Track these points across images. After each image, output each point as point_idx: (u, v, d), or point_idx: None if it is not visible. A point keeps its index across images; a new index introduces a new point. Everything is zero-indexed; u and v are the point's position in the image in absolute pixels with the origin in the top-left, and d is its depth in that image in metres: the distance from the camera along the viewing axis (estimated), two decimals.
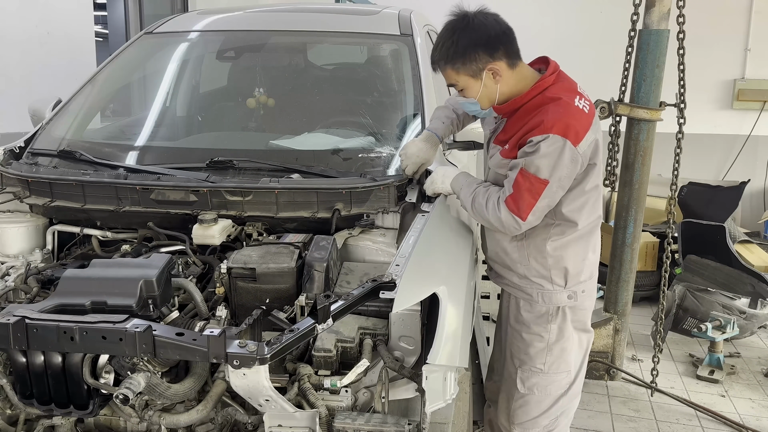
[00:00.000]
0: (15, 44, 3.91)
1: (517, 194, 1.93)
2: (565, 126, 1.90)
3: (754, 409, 3.57)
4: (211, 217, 2.09)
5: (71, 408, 1.58)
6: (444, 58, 1.98)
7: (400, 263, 1.72)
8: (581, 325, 2.21)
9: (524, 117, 1.99)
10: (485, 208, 1.99)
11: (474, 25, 1.94)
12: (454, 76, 2.00)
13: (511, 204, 1.94)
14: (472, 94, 2.01)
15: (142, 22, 5.81)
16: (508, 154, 2.02)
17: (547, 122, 1.90)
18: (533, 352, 2.17)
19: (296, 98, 2.89)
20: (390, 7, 3.29)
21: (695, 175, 5.88)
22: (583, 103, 1.99)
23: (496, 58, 1.95)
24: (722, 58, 6.53)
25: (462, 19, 1.96)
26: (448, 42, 1.95)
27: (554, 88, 2.00)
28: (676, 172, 3.59)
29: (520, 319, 2.19)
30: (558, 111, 1.92)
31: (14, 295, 1.99)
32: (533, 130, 1.92)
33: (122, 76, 3.10)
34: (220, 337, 1.41)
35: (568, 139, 1.89)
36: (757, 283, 4.20)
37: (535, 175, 1.91)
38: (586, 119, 1.96)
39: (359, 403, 1.65)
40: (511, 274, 2.19)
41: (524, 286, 2.17)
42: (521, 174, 1.92)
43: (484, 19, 1.97)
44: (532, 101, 1.99)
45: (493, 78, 1.97)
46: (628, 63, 3.57)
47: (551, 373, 2.18)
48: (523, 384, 2.20)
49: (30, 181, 2.30)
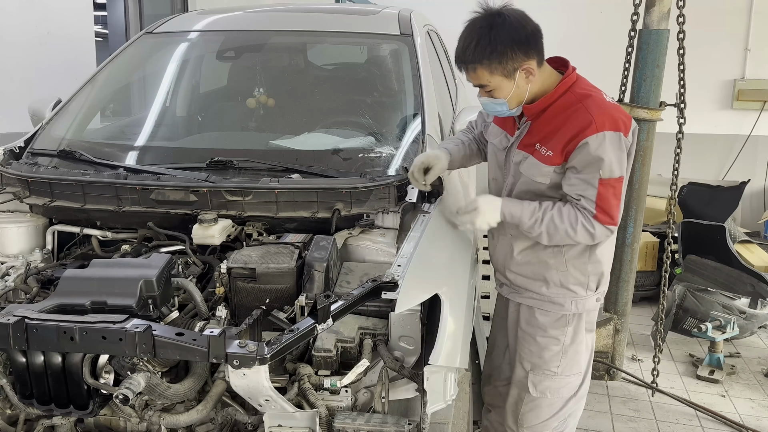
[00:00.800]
0: (15, 44, 3.91)
1: (606, 204, 1.90)
2: (614, 119, 1.89)
3: (754, 409, 3.56)
4: (211, 217, 2.08)
5: (71, 408, 1.58)
6: (479, 58, 1.87)
7: (401, 264, 1.72)
8: (590, 326, 2.19)
9: (555, 117, 1.95)
10: (573, 232, 1.92)
11: (510, 23, 1.86)
12: (487, 77, 1.90)
13: (603, 217, 1.91)
14: (503, 95, 1.93)
15: (142, 22, 5.81)
16: (552, 160, 1.95)
17: (598, 120, 1.87)
18: (548, 355, 2.13)
19: (296, 98, 2.89)
20: (390, 7, 3.29)
21: (695, 175, 5.88)
22: (609, 97, 1.99)
23: (530, 57, 1.89)
24: (722, 58, 6.52)
25: (496, 16, 1.87)
26: (484, 40, 1.84)
27: (578, 84, 1.98)
28: (676, 172, 3.59)
29: (534, 323, 2.14)
30: (600, 107, 1.90)
31: (14, 295, 1.99)
32: (584, 132, 1.88)
33: (122, 76, 3.10)
34: (220, 337, 1.41)
35: (621, 132, 1.89)
36: (757, 283, 4.20)
37: (612, 177, 1.89)
38: (623, 111, 1.96)
39: (359, 403, 1.64)
40: (539, 285, 2.12)
41: (555, 296, 2.10)
42: (602, 184, 1.88)
43: (517, 16, 1.90)
44: (561, 99, 1.95)
45: (526, 78, 1.91)
46: (628, 63, 3.57)
47: (564, 375, 2.16)
48: (536, 387, 2.17)
49: (30, 181, 2.30)
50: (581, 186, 1.91)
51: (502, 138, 2.14)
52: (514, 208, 1.98)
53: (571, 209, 1.94)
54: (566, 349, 2.14)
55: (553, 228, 1.93)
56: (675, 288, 4.21)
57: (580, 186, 1.91)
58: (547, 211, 1.94)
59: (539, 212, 1.95)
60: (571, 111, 1.92)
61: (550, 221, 1.94)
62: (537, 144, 1.98)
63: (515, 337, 2.22)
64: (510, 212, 1.97)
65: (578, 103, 1.92)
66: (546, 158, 1.96)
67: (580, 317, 2.13)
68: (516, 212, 1.97)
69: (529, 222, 1.95)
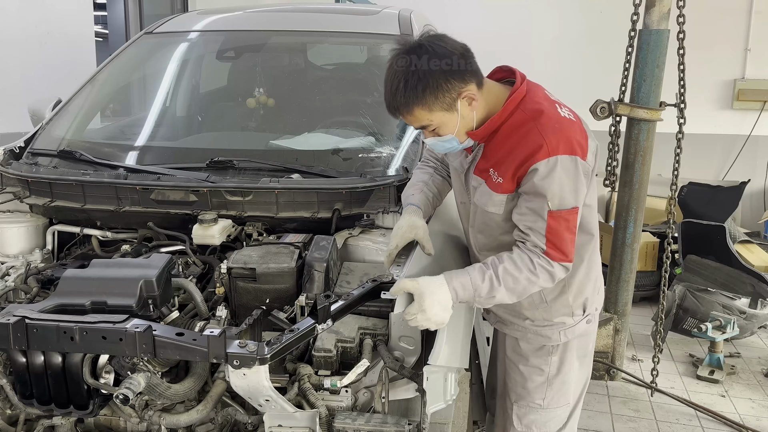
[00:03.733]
0: (15, 44, 3.91)
1: (557, 239, 1.66)
2: (568, 141, 1.66)
3: (754, 409, 3.56)
4: (211, 217, 2.08)
5: (71, 408, 1.58)
6: (413, 99, 1.63)
7: (401, 264, 1.72)
8: (584, 351, 2.04)
9: (508, 138, 1.72)
10: (535, 277, 1.68)
11: (435, 52, 1.63)
12: (427, 116, 1.66)
13: (554, 253, 1.67)
14: (449, 130, 1.70)
15: (142, 22, 5.82)
16: (503, 188, 1.73)
17: (550, 143, 1.64)
18: (532, 386, 1.99)
19: (296, 98, 2.89)
20: (390, 7, 3.29)
21: (695, 175, 5.88)
22: (565, 111, 1.75)
23: (468, 81, 1.66)
24: (722, 58, 6.52)
25: (417, 48, 1.64)
26: (413, 79, 1.61)
27: (528, 98, 1.74)
28: (676, 172, 3.58)
29: (518, 350, 2.00)
30: (552, 127, 1.67)
31: (14, 295, 1.99)
32: (534, 156, 1.65)
33: (122, 76, 3.10)
34: (220, 337, 1.41)
35: (577, 155, 1.67)
36: (757, 283, 4.20)
37: (563, 209, 1.66)
38: (580, 128, 1.73)
39: (359, 403, 1.64)
40: (522, 320, 1.96)
41: (541, 329, 1.94)
42: (551, 217, 1.65)
43: (440, 42, 1.66)
44: (512, 118, 1.72)
45: (469, 105, 1.68)
46: (628, 63, 3.57)
47: (551, 408, 2.01)
48: (520, 421, 2.03)
49: (30, 181, 2.30)
50: (530, 217, 1.68)
51: (462, 159, 1.89)
52: (461, 277, 1.67)
53: (521, 253, 1.69)
54: (551, 381, 1.98)
55: (512, 280, 1.67)
56: (675, 288, 4.21)
57: (529, 217, 1.68)
58: (498, 265, 1.68)
59: (489, 270, 1.68)
60: (523, 131, 1.69)
61: (506, 274, 1.67)
62: (491, 169, 1.76)
63: (503, 365, 2.09)
64: (461, 283, 1.66)
65: (530, 121, 1.69)
66: (497, 185, 1.74)
67: (566, 346, 1.97)
68: (465, 280, 1.67)
69: (484, 285, 1.66)
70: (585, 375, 2.09)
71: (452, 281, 1.66)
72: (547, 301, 1.90)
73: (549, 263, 1.68)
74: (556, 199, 1.65)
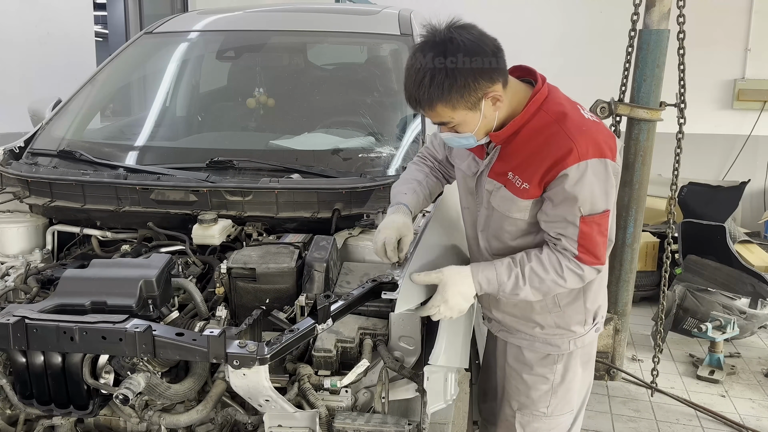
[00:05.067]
0: (15, 44, 3.91)
1: (590, 243, 1.65)
2: (596, 144, 1.62)
3: (754, 410, 3.56)
4: (211, 217, 2.08)
5: (71, 408, 1.58)
6: (438, 95, 1.56)
7: (401, 264, 1.72)
8: (587, 358, 2.00)
9: (530, 140, 1.67)
10: (561, 280, 1.68)
11: (466, 48, 1.54)
12: (449, 114, 1.60)
13: (587, 258, 1.66)
14: (470, 129, 1.63)
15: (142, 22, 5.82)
16: (528, 193, 1.68)
17: (580, 146, 1.60)
18: (536, 395, 1.95)
19: (296, 98, 2.89)
20: (390, 7, 3.29)
21: (695, 175, 5.87)
22: (587, 113, 1.71)
23: (495, 81, 1.59)
24: (722, 58, 6.52)
25: (448, 42, 1.56)
26: (440, 75, 1.54)
27: (551, 99, 1.69)
28: (676, 172, 3.58)
29: (521, 359, 1.95)
30: (579, 129, 1.63)
31: (14, 295, 1.99)
32: (563, 160, 1.60)
33: (122, 76, 3.10)
34: (220, 337, 1.41)
35: (607, 158, 1.63)
36: (757, 283, 4.19)
37: (594, 213, 1.63)
38: (605, 128, 1.70)
39: (359, 403, 1.64)
40: (531, 326, 1.90)
41: (551, 337, 1.89)
42: (584, 222, 1.62)
43: (473, 36, 1.57)
44: (534, 120, 1.67)
45: (493, 105, 1.62)
46: (628, 63, 3.57)
47: (555, 415, 1.97)
48: (524, 429, 1.99)
49: (30, 181, 2.30)
50: (560, 224, 1.66)
51: (470, 161, 1.83)
52: (488, 270, 1.70)
53: (550, 254, 1.68)
54: (556, 389, 1.94)
55: (538, 281, 1.68)
56: (675, 288, 4.21)
57: (560, 224, 1.66)
58: (525, 263, 1.69)
59: (516, 267, 1.69)
60: (548, 134, 1.64)
61: (533, 274, 1.68)
62: (510, 173, 1.70)
63: (503, 372, 2.04)
64: (486, 277, 1.69)
65: (555, 124, 1.64)
66: (522, 191, 1.68)
67: (571, 353, 1.92)
68: (491, 275, 1.69)
69: (509, 282, 1.68)
70: (588, 380, 2.06)
71: (478, 274, 1.69)
72: (561, 306, 1.85)
73: (579, 266, 1.67)
74: (588, 204, 1.62)
